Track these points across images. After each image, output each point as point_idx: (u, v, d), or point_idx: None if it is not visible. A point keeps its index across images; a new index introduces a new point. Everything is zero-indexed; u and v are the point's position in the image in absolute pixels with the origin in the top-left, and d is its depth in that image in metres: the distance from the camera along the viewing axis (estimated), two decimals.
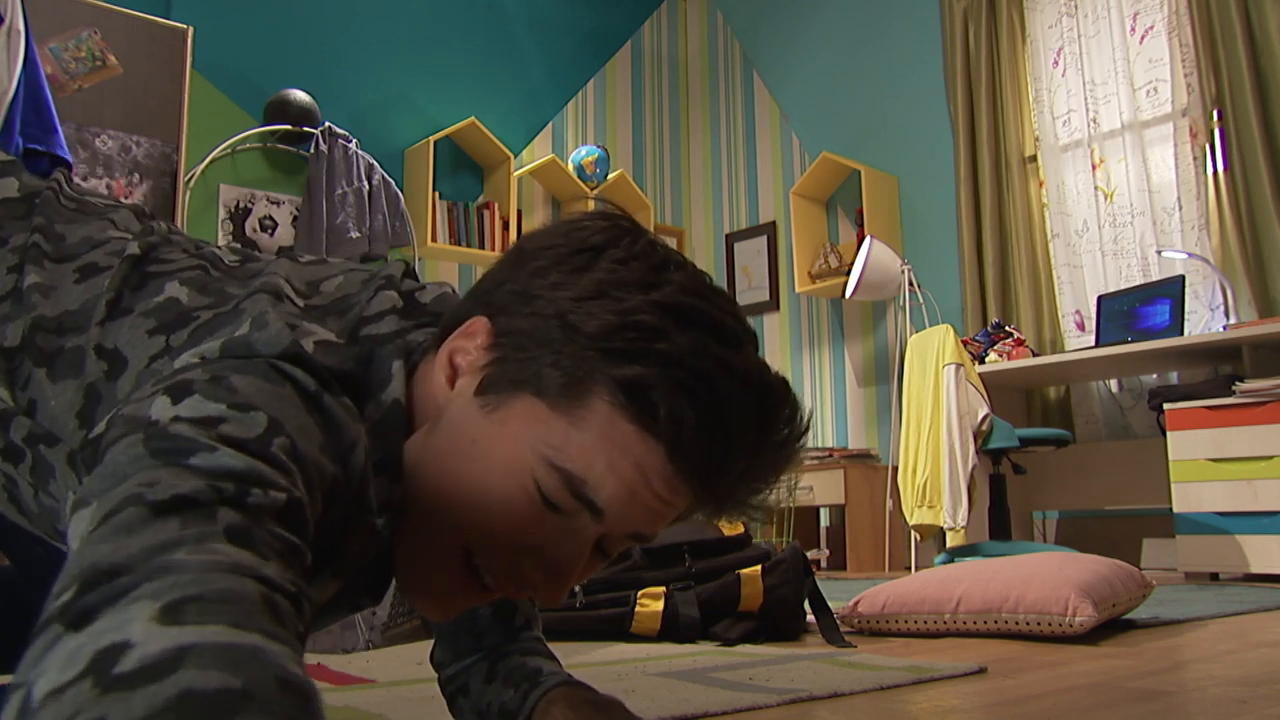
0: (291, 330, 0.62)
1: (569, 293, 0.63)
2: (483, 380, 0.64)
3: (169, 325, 0.68)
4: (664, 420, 0.60)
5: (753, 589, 1.84)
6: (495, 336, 0.65)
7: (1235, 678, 1.30)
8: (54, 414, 0.67)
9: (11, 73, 2.40)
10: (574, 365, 0.61)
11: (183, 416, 0.51)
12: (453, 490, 0.63)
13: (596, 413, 0.60)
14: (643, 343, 0.60)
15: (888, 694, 1.21)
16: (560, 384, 0.61)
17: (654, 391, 0.59)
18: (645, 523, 0.63)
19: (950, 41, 4.88)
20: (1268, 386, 3.30)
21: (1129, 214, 4.24)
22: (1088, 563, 1.84)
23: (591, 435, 0.60)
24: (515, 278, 0.66)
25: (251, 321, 0.63)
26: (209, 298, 0.70)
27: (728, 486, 0.64)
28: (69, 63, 3.85)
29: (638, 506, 0.62)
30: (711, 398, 0.60)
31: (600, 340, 0.60)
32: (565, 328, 0.62)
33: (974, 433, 3.59)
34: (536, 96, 5.60)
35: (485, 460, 0.62)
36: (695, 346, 0.61)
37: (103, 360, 0.67)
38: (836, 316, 5.34)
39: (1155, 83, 4.23)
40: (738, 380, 0.61)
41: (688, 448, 0.60)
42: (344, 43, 4.87)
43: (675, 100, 6.23)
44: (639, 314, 0.61)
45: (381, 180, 4.64)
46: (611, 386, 0.60)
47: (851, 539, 4.57)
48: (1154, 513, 3.99)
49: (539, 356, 0.62)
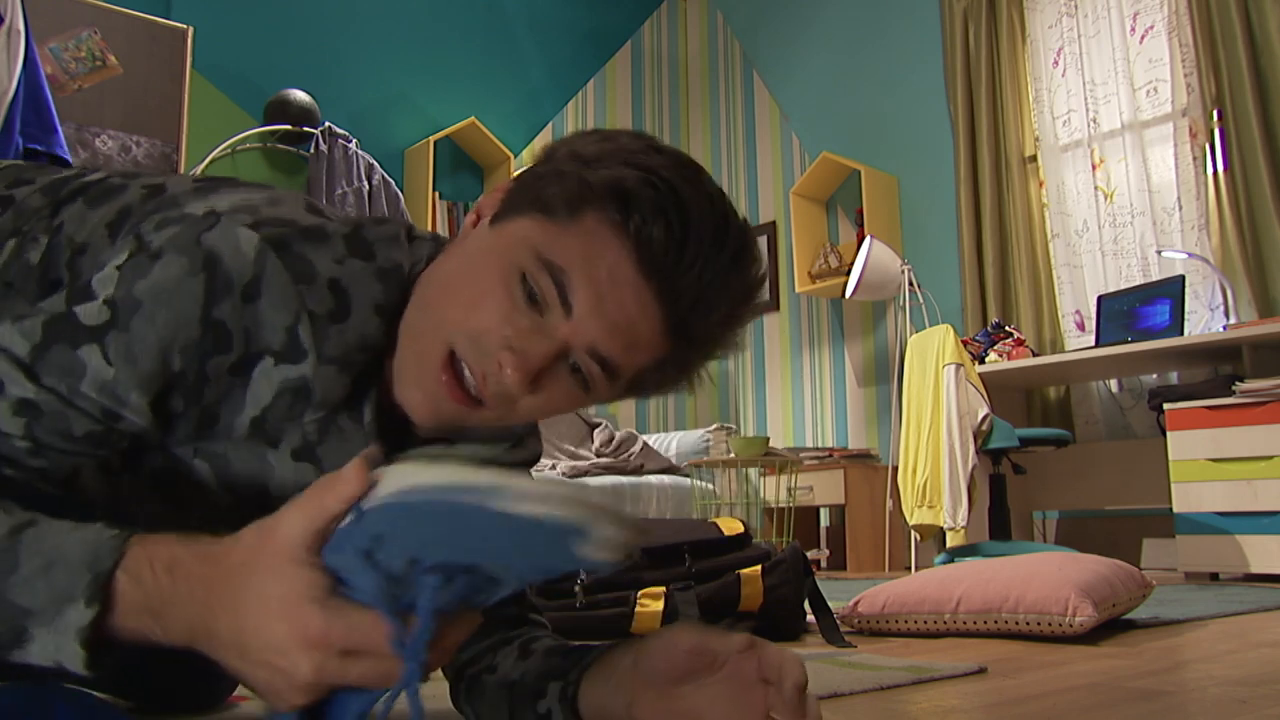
0: (290, 209, 0.76)
1: (578, 144, 0.75)
2: (497, 210, 0.76)
3: (211, 182, 0.82)
4: (636, 219, 0.70)
5: (753, 589, 1.84)
6: (515, 182, 0.77)
7: (1235, 678, 1.30)
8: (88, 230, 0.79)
9: (11, 73, 2.40)
10: (574, 183, 0.71)
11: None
12: (451, 291, 0.74)
13: (585, 223, 0.71)
14: (628, 159, 0.72)
15: (888, 694, 1.21)
16: (560, 199, 0.72)
17: (630, 187, 0.70)
18: (608, 335, 0.71)
19: (950, 41, 4.88)
20: (1268, 386, 3.30)
21: (1129, 214, 4.24)
22: (1088, 563, 1.84)
23: (576, 240, 0.71)
24: (541, 154, 0.78)
25: (271, 195, 0.77)
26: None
27: (688, 306, 0.72)
28: (69, 63, 3.85)
29: (604, 312, 0.71)
30: (677, 201, 0.71)
31: (595, 161, 0.72)
32: (571, 156, 0.74)
33: (974, 433, 3.59)
34: (536, 96, 5.60)
35: (483, 260, 0.73)
36: (669, 164, 0.72)
37: (144, 190, 0.81)
38: (836, 316, 5.34)
39: (1155, 83, 4.23)
40: (705, 197, 0.73)
41: (653, 249, 0.70)
42: (344, 43, 4.87)
43: (675, 100, 6.23)
44: (631, 145, 0.74)
45: (381, 180, 4.64)
46: (600, 196, 0.70)
47: (851, 539, 4.57)
48: (1154, 513, 3.98)
49: (548, 184, 0.73)
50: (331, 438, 0.79)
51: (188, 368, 0.70)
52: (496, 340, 0.71)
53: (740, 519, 2.09)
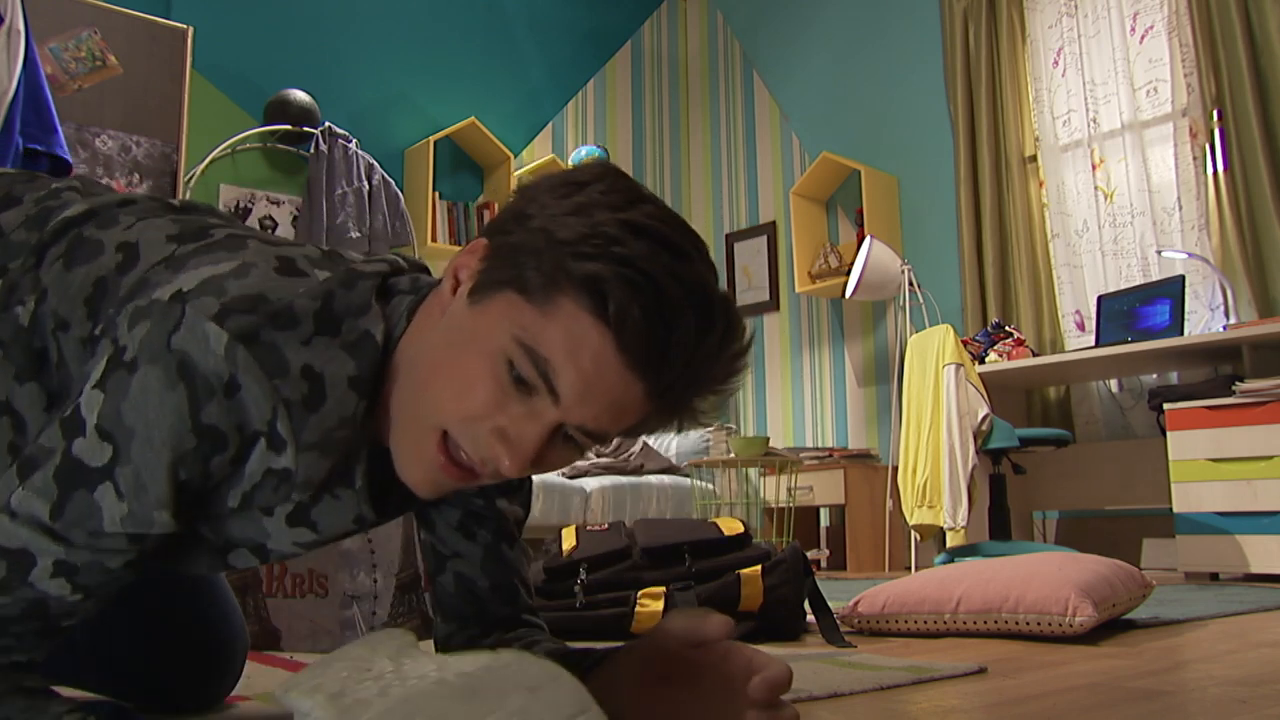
0: (247, 277, 0.75)
1: (555, 211, 0.74)
2: (475, 283, 0.76)
3: (184, 237, 0.81)
4: (614, 312, 0.70)
5: (753, 589, 1.84)
6: (490, 250, 0.77)
7: (1235, 678, 1.30)
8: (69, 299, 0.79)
9: (11, 73, 2.40)
10: (550, 267, 0.71)
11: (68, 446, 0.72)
12: (438, 376, 0.75)
13: (563, 308, 0.71)
14: (604, 247, 0.71)
15: (888, 694, 1.21)
16: (537, 282, 0.72)
17: (608, 285, 0.70)
18: (598, 415, 0.73)
19: (950, 41, 4.88)
20: (1268, 386, 3.30)
21: (1129, 214, 4.24)
22: (1088, 563, 1.84)
23: (557, 326, 0.71)
24: (514, 207, 0.77)
25: (242, 260, 0.76)
26: (231, 228, 0.84)
27: (671, 382, 0.73)
28: (69, 63, 3.85)
29: (592, 396, 0.72)
30: (656, 294, 0.70)
31: (571, 245, 0.71)
32: (546, 236, 0.72)
33: (974, 433, 3.59)
34: (536, 96, 5.60)
35: (467, 344, 0.74)
36: (647, 253, 0.71)
37: (119, 254, 0.80)
38: (836, 316, 5.34)
39: (1155, 83, 4.23)
40: (680, 283, 0.72)
41: (633, 337, 0.70)
42: (344, 43, 4.87)
43: (675, 100, 6.23)
44: (605, 226, 0.72)
45: (381, 180, 4.64)
46: (576, 283, 0.70)
47: (851, 539, 4.57)
48: (1154, 513, 3.99)
49: (524, 262, 0.73)
50: (324, 502, 0.81)
51: (194, 473, 0.73)
52: (489, 429, 0.73)
53: (740, 519, 2.09)
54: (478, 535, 0.99)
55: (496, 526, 1.00)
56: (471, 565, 0.99)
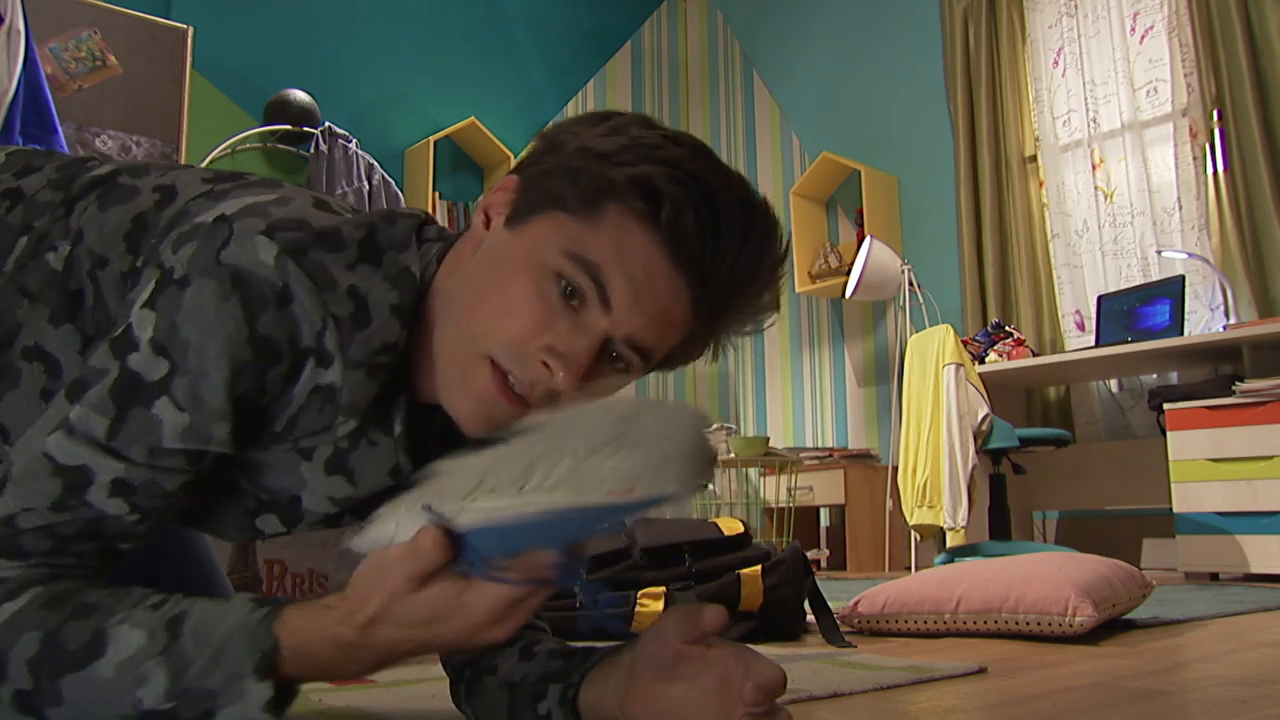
0: (298, 206, 0.76)
1: (589, 134, 0.75)
2: (511, 211, 0.76)
3: (220, 178, 0.82)
4: (666, 213, 0.71)
5: (753, 589, 1.84)
6: (524, 181, 0.77)
7: (1235, 678, 1.30)
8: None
9: (11, 73, 2.40)
10: (591, 179, 0.72)
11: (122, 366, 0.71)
12: (482, 302, 0.74)
13: (610, 217, 0.72)
14: (648, 152, 0.72)
15: (888, 694, 1.21)
16: (579, 196, 0.72)
17: (658, 184, 0.71)
18: (646, 325, 0.73)
19: (950, 41, 4.88)
20: (1268, 386, 3.30)
21: (1129, 214, 4.24)
22: (1088, 563, 1.84)
23: (605, 235, 0.72)
24: (542, 145, 0.77)
25: (281, 194, 0.77)
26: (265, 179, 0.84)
27: (718, 286, 0.74)
28: (69, 63, 3.85)
29: (641, 305, 0.72)
30: (705, 194, 0.72)
31: (614, 155, 0.72)
32: (583, 152, 0.73)
33: (974, 433, 3.59)
34: (536, 96, 5.60)
35: (511, 266, 0.74)
36: (690, 156, 0.73)
37: (156, 194, 0.80)
38: (836, 316, 5.34)
39: (1155, 83, 4.23)
40: (728, 186, 0.73)
41: (685, 239, 0.71)
42: (344, 43, 4.87)
43: (675, 100, 6.23)
44: (644, 138, 0.73)
45: (381, 180, 4.64)
46: (623, 190, 0.71)
47: (851, 539, 4.57)
48: (1154, 513, 3.98)
49: (561, 181, 0.73)
50: (362, 448, 0.80)
51: (250, 387, 0.72)
52: (539, 346, 0.72)
53: (740, 519, 2.09)
54: None
55: None
56: None
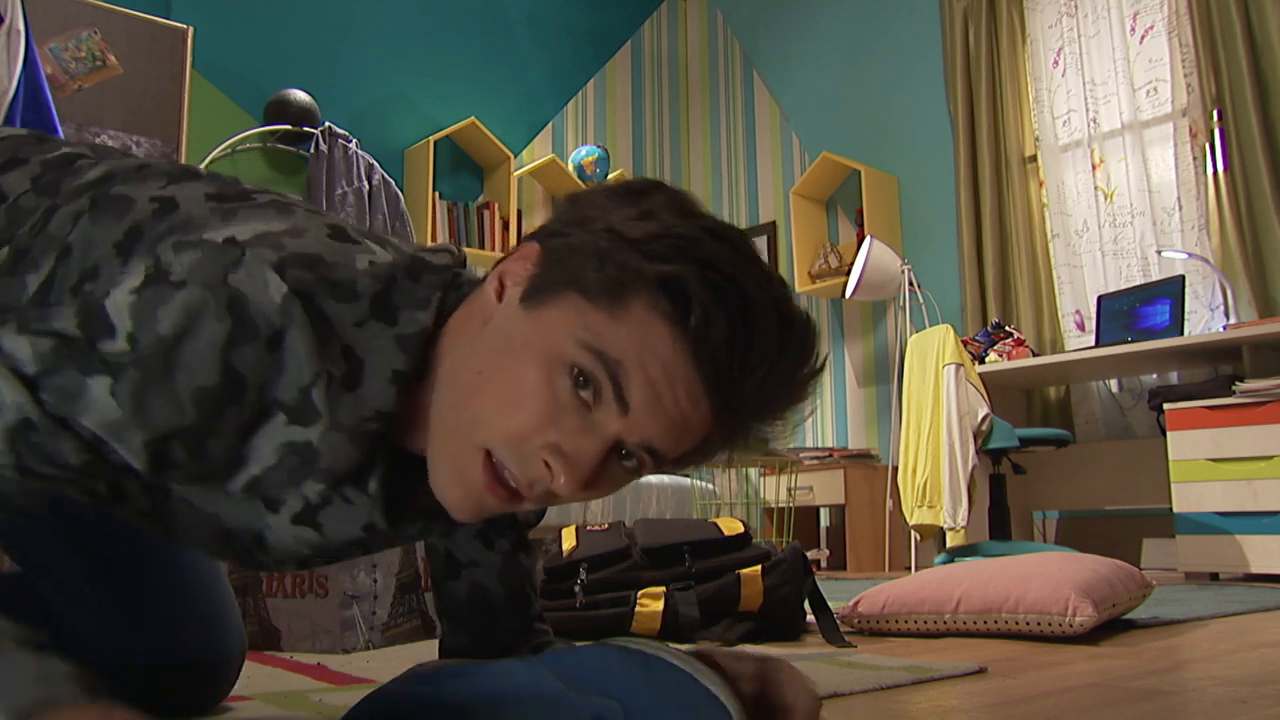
0: (325, 242, 0.70)
1: (618, 214, 0.68)
2: (528, 287, 0.69)
3: (226, 196, 0.75)
4: (696, 317, 0.64)
5: (753, 589, 1.84)
6: (546, 253, 0.69)
7: (1235, 678, 1.30)
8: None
9: (11, 73, 2.40)
10: (617, 268, 0.65)
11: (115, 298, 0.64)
12: (485, 387, 0.67)
13: (634, 312, 0.65)
14: (682, 247, 0.65)
15: (888, 694, 1.21)
16: (603, 284, 0.65)
17: (689, 287, 0.64)
18: (663, 433, 0.66)
19: (950, 41, 4.87)
20: (1268, 386, 3.30)
21: (1129, 214, 4.24)
22: (1088, 563, 1.84)
23: (627, 331, 0.65)
24: (568, 213, 0.71)
25: (294, 224, 0.71)
26: (271, 194, 0.78)
27: (744, 401, 0.67)
28: (69, 63, 3.85)
29: (660, 410, 0.65)
30: (741, 300, 0.65)
31: (643, 244, 0.65)
32: (612, 235, 0.66)
33: (974, 433, 3.59)
34: (536, 96, 5.60)
35: (521, 353, 0.67)
36: (729, 255, 0.66)
37: (153, 204, 0.74)
38: (836, 316, 5.34)
39: (1155, 83, 4.23)
40: (767, 295, 0.66)
41: (713, 348, 0.64)
42: (344, 43, 4.87)
43: (675, 100, 6.23)
44: (680, 228, 0.66)
45: (381, 180, 4.64)
46: (650, 286, 0.64)
47: (851, 539, 4.57)
48: (1154, 513, 3.98)
49: (585, 263, 0.66)
50: (335, 504, 0.75)
51: (198, 418, 0.65)
52: (542, 444, 0.66)
53: (740, 519, 2.08)
54: (497, 544, 0.98)
55: (516, 536, 0.99)
56: (488, 574, 0.98)
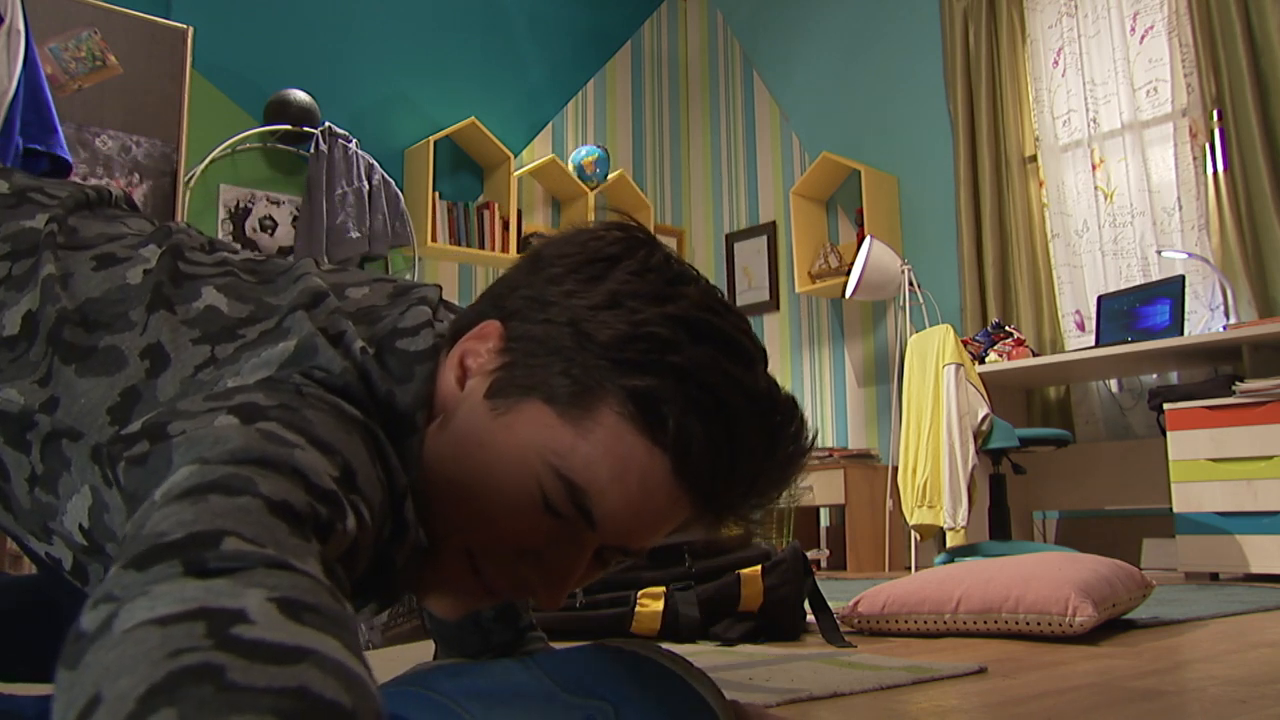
0: (345, 357, 0.64)
1: (583, 301, 0.62)
2: (492, 383, 0.63)
3: (214, 336, 0.67)
4: (673, 433, 0.59)
5: (753, 589, 1.84)
6: (507, 340, 0.64)
7: (1235, 678, 1.30)
8: (81, 410, 0.65)
9: (11, 73, 2.40)
10: (584, 374, 0.60)
11: (274, 433, 0.51)
12: (458, 491, 0.63)
13: (604, 424, 0.60)
14: (655, 354, 0.60)
15: (888, 694, 1.21)
16: (570, 392, 0.60)
17: (664, 404, 0.59)
18: (643, 536, 0.63)
19: (950, 41, 4.88)
20: (1268, 386, 3.30)
21: (1129, 214, 4.24)
22: (1088, 563, 1.84)
23: (598, 447, 0.60)
24: (530, 283, 0.66)
25: (298, 344, 0.64)
26: (249, 306, 0.69)
27: (730, 501, 0.63)
28: (69, 63, 3.85)
29: (638, 521, 0.61)
30: (721, 413, 0.60)
31: (612, 350, 0.60)
32: (578, 335, 0.61)
33: (974, 433, 3.59)
34: (536, 96, 5.60)
35: (491, 463, 0.62)
36: (707, 361, 0.60)
37: (145, 360, 0.66)
38: (836, 316, 5.34)
39: (1155, 83, 4.23)
40: (748, 398, 0.61)
41: (694, 462, 0.60)
42: (344, 43, 4.87)
43: (675, 100, 6.23)
44: (652, 326, 0.60)
45: (381, 180, 4.64)
46: (621, 397, 0.59)
47: (851, 539, 4.57)
48: (1154, 513, 3.98)
49: (550, 364, 0.61)
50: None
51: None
52: (521, 554, 0.64)
53: None
54: None
55: None
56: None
